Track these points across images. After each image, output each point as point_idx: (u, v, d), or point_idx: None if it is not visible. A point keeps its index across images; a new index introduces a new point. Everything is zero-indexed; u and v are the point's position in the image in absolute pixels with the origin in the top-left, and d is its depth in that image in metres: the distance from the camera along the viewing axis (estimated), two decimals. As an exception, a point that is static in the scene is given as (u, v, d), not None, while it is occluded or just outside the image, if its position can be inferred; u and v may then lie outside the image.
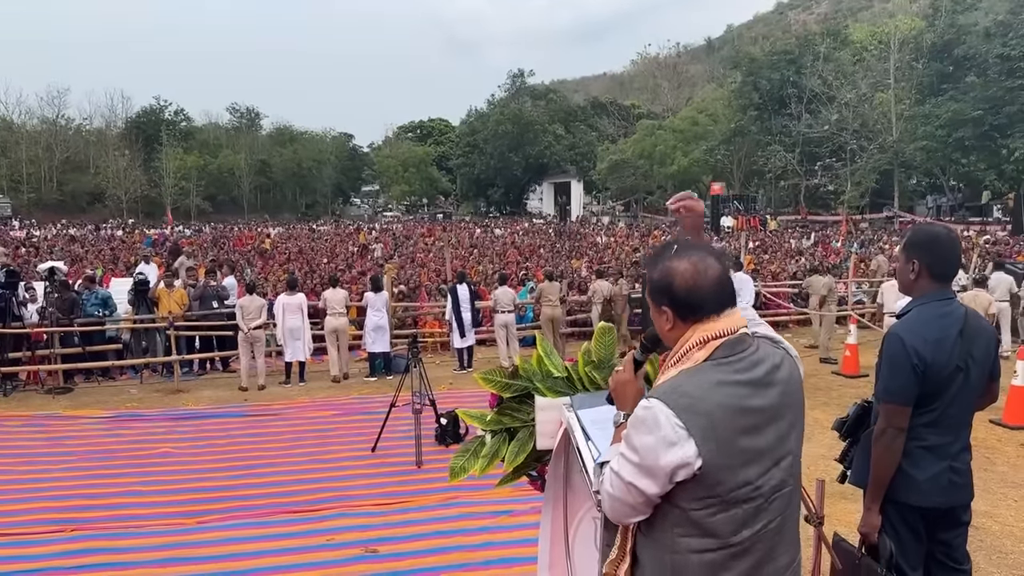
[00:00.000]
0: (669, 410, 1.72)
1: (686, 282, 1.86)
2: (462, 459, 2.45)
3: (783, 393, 1.84)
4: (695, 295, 1.85)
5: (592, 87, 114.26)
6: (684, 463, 1.70)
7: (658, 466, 1.72)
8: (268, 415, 9.89)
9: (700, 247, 1.95)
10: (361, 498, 6.67)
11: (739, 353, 1.83)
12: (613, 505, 1.84)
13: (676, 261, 1.88)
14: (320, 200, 72.84)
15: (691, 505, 1.75)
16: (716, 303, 1.86)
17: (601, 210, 61.27)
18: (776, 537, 1.82)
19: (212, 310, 12.56)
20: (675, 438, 1.70)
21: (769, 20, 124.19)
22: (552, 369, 2.44)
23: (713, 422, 1.72)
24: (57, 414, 9.80)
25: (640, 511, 1.81)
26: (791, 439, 1.86)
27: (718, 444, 1.72)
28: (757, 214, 42.26)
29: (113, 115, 71.60)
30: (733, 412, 1.75)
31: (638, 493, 1.76)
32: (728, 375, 1.79)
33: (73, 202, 62.47)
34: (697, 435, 1.70)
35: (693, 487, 1.73)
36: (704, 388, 1.76)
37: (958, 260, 2.97)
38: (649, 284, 1.93)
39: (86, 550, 5.61)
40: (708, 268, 1.87)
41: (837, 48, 47.87)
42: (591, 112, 69.80)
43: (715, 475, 1.72)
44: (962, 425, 2.86)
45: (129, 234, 37.38)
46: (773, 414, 1.81)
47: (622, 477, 1.78)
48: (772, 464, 1.80)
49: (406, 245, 30.19)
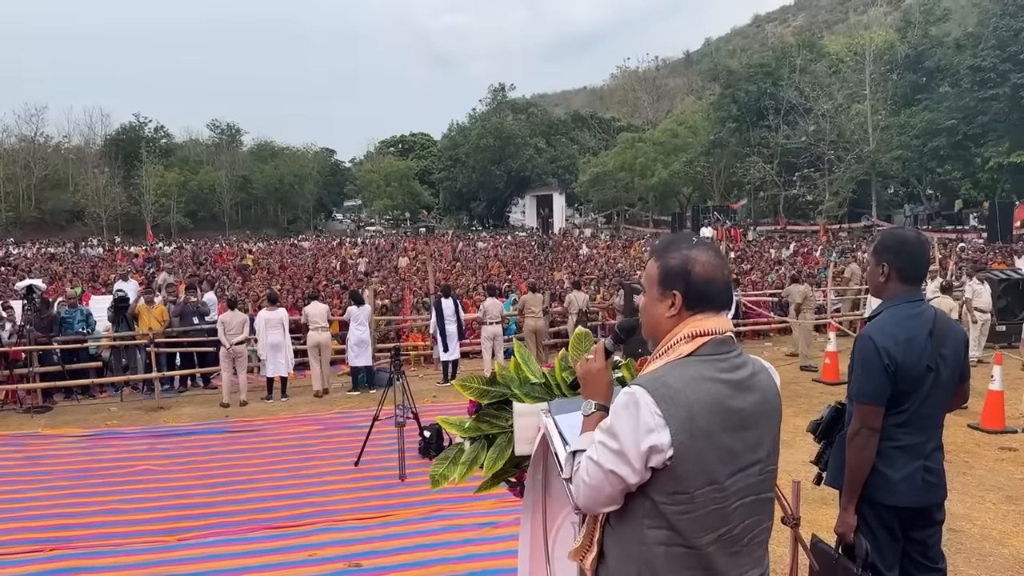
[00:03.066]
0: (650, 397, 1.74)
1: (706, 271, 1.88)
2: (441, 466, 2.46)
3: (761, 401, 1.87)
4: (711, 286, 1.88)
5: (573, 101, 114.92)
6: (658, 448, 1.72)
7: (637, 451, 1.73)
8: (250, 431, 9.83)
9: (710, 244, 2.00)
10: (344, 512, 6.64)
11: (724, 353, 1.86)
12: (589, 494, 1.83)
13: (698, 251, 1.91)
14: (302, 215, 72.62)
15: (661, 498, 1.76)
16: (721, 301, 1.90)
17: (583, 222, 61.49)
18: (736, 546, 1.82)
19: (193, 326, 12.49)
20: (653, 425, 1.72)
21: (747, 33, 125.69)
22: (530, 375, 2.46)
23: (691, 415, 1.74)
24: (36, 433, 9.69)
25: (615, 500, 1.81)
26: (762, 448, 1.87)
27: (692, 437, 1.73)
28: (736, 224, 42.56)
29: (92, 132, 71.25)
30: (711, 409, 1.77)
31: (617, 480, 1.77)
32: (711, 372, 1.81)
33: (52, 220, 61.95)
34: (673, 425, 1.72)
35: (664, 478, 1.75)
36: (686, 381, 1.78)
37: (927, 263, 3.03)
38: (662, 268, 1.93)
39: (65, 569, 5.55)
40: (721, 265, 1.92)
41: (813, 60, 48.38)
42: (572, 125, 70.11)
43: (684, 467, 1.74)
44: (934, 425, 2.90)
45: (109, 252, 37.12)
46: (748, 419, 1.83)
47: (601, 465, 1.78)
48: (739, 469, 1.81)
49: (389, 258, 30.14)
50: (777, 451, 1.94)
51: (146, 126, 72.05)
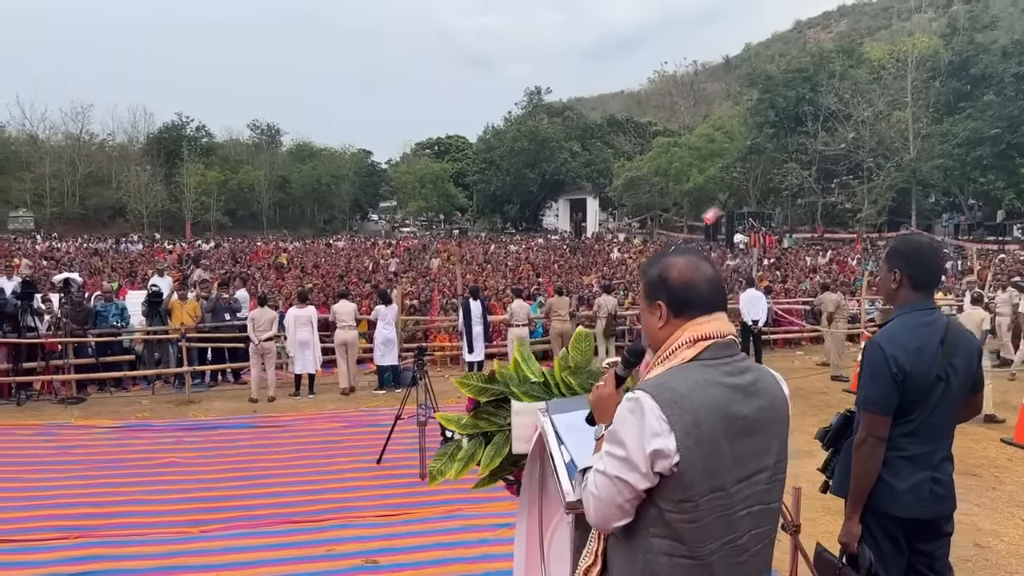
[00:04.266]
0: (654, 403, 1.73)
1: (682, 276, 1.89)
2: (439, 462, 2.48)
3: (767, 407, 1.85)
4: (690, 289, 1.88)
5: (610, 104, 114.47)
6: (663, 452, 1.71)
7: (642, 456, 1.72)
8: (276, 426, 9.95)
9: (693, 250, 2.01)
10: (364, 509, 6.69)
11: (727, 357, 1.84)
12: (599, 507, 1.81)
13: (673, 258, 1.94)
14: (338, 216, 73.09)
15: (667, 506, 1.75)
16: (708, 302, 1.89)
17: (617, 227, 61.21)
18: (742, 556, 1.81)
19: (224, 322, 12.67)
20: (658, 430, 1.71)
21: (787, 38, 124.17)
22: (529, 374, 2.47)
23: (697, 420, 1.73)
24: (68, 424, 9.91)
25: (626, 512, 1.79)
26: (769, 456, 1.85)
27: (698, 443, 1.72)
28: (772, 231, 42.05)
29: (135, 131, 72.27)
30: (717, 414, 1.75)
31: (625, 488, 1.75)
32: (716, 376, 1.80)
33: (95, 216, 63.06)
34: (679, 430, 1.71)
35: (671, 486, 1.74)
36: (690, 386, 1.77)
37: (939, 270, 2.99)
38: (645, 281, 1.96)
39: (88, 557, 5.65)
40: (703, 266, 1.92)
41: (853, 66, 47.71)
42: (607, 129, 69.89)
43: (691, 474, 1.72)
44: (943, 435, 2.85)
45: (149, 248, 37.75)
46: (754, 425, 1.81)
47: (608, 474, 1.77)
48: (746, 476, 1.79)
49: (420, 259, 30.31)
50: (785, 460, 1.91)
51: (188, 125, 72.98)
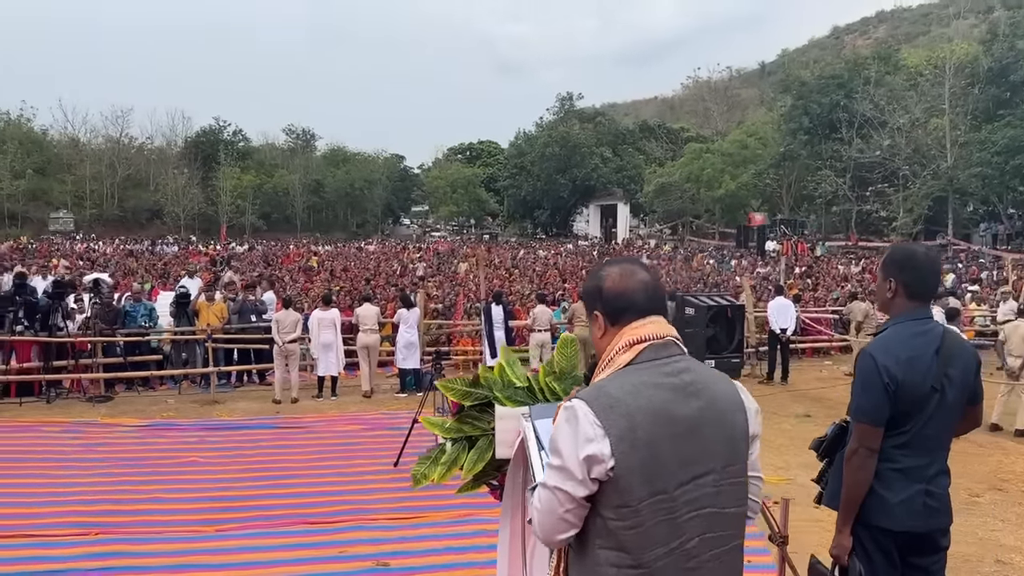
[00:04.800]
0: (588, 409, 1.74)
1: (614, 284, 1.92)
2: (423, 466, 2.50)
3: (708, 408, 1.82)
4: (623, 297, 1.90)
5: (643, 110, 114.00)
6: (598, 457, 1.70)
7: (577, 462, 1.72)
8: (298, 428, 10.06)
9: (632, 259, 2.03)
10: (378, 512, 6.74)
11: (664, 358, 1.84)
12: (542, 520, 1.81)
13: (607, 268, 1.98)
14: (371, 220, 73.63)
15: (608, 513, 1.74)
16: (642, 306, 1.90)
17: (648, 233, 60.94)
18: (692, 561, 1.78)
19: (250, 324, 12.84)
20: (592, 435, 1.71)
21: (824, 44, 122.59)
22: (514, 379, 2.48)
23: (633, 424, 1.72)
24: (95, 422, 10.09)
25: (570, 523, 1.78)
26: (716, 458, 1.82)
27: (634, 447, 1.71)
28: (805, 239, 41.56)
29: (174, 134, 73.33)
30: (654, 416, 1.74)
31: (566, 498, 1.74)
32: (652, 378, 1.80)
33: (133, 218, 64.20)
34: (614, 435, 1.71)
35: (609, 492, 1.73)
36: (626, 389, 1.77)
37: (936, 279, 2.94)
38: (584, 295, 2.00)
39: (107, 553, 5.75)
40: (635, 273, 1.94)
41: (890, 72, 47.01)
42: (639, 135, 69.60)
43: (627, 479, 1.71)
44: (939, 448, 2.80)
45: (184, 250, 38.33)
46: (695, 426, 1.79)
47: (548, 486, 1.78)
48: (690, 478, 1.77)
49: (449, 263, 30.44)
50: (739, 463, 1.88)
51: (225, 129, 73.90)
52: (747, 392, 1.95)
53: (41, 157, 61.76)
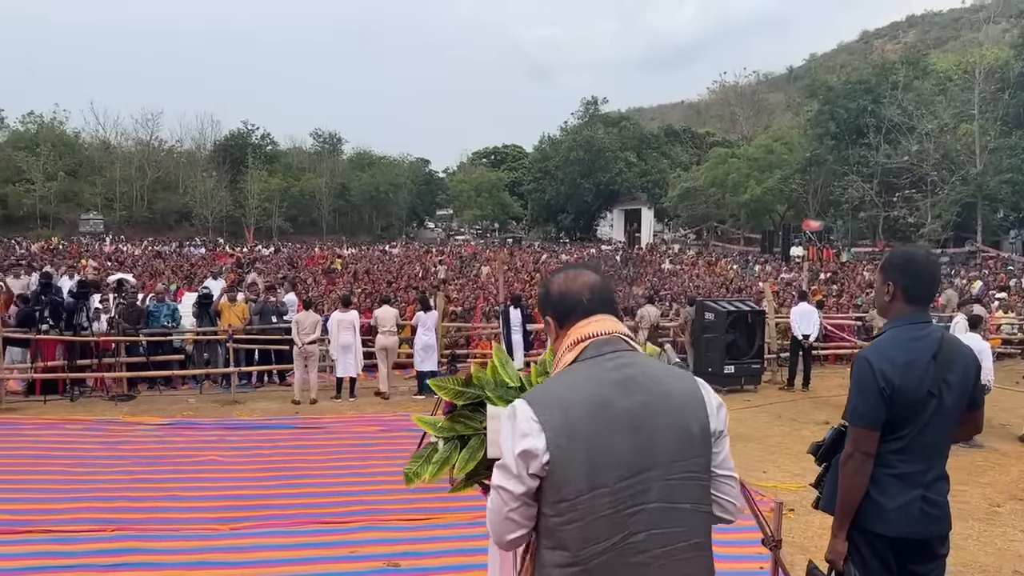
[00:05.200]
0: (527, 406, 1.76)
1: (558, 288, 1.97)
2: (415, 464, 2.51)
3: (655, 403, 1.81)
4: (567, 299, 1.94)
5: (669, 115, 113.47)
6: (532, 452, 1.71)
7: (512, 458, 1.74)
8: (316, 428, 10.14)
9: (580, 264, 2.12)
10: (391, 513, 6.76)
11: (607, 353, 1.85)
12: (491, 520, 1.83)
13: (557, 275, 2.03)
14: (395, 223, 73.89)
15: (549, 511, 1.74)
16: (586, 306, 1.93)
17: (672, 238, 60.66)
18: (641, 556, 1.75)
19: (271, 324, 12.95)
20: (528, 430, 1.73)
21: (853, 49, 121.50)
22: (506, 379, 2.49)
23: (568, 418, 1.73)
24: (116, 420, 10.22)
25: (517, 523, 1.79)
26: (663, 452, 1.78)
27: (571, 440, 1.71)
28: (831, 245, 41.13)
29: (203, 138, 74.02)
30: (591, 409, 1.75)
31: (508, 496, 1.75)
32: (593, 372, 1.82)
33: (162, 220, 64.92)
34: (549, 429, 1.72)
35: (547, 487, 1.73)
36: (566, 385, 1.80)
37: (935, 283, 2.90)
38: (538, 304, 2.07)
39: (122, 550, 5.81)
40: (579, 276, 1.98)
41: (918, 77, 46.43)
42: (664, 140, 69.32)
43: (563, 473, 1.71)
44: (937, 454, 2.76)
45: (211, 252, 38.72)
46: (638, 419, 1.78)
47: (494, 485, 1.79)
48: (635, 472, 1.75)
49: (471, 267, 30.52)
50: (694, 460, 1.83)
51: (253, 133, 74.54)
52: (708, 388, 1.92)
53: (73, 159, 62.69)
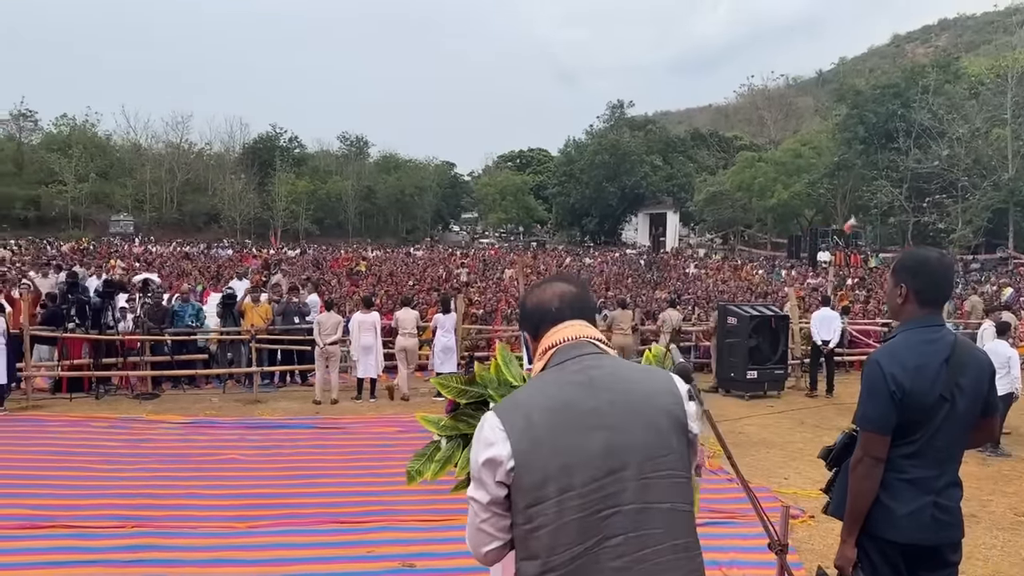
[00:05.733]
0: (495, 416, 1.75)
1: (530, 300, 1.99)
2: (418, 463, 2.51)
3: (624, 400, 1.77)
4: (538, 309, 1.95)
5: (696, 118, 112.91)
6: (496, 459, 1.70)
7: (478, 467, 1.73)
8: (336, 428, 10.18)
9: (559, 277, 2.08)
10: (408, 513, 6.77)
11: (574, 357, 1.83)
12: (468, 533, 1.83)
13: (531, 290, 2.03)
14: (421, 226, 74.16)
15: (519, 519, 1.72)
16: (555, 314, 1.92)
17: (698, 242, 60.32)
18: (620, 560, 1.70)
19: (294, 325, 13.04)
20: (493, 439, 1.72)
21: (884, 53, 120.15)
22: (510, 378, 2.48)
23: (530, 421, 1.71)
24: (140, 418, 10.33)
25: (491, 536, 1.78)
26: (633, 451, 1.73)
27: (534, 444, 1.69)
28: (859, 250, 40.63)
29: (232, 140, 74.82)
30: (555, 411, 1.73)
31: (479, 507, 1.75)
32: (559, 377, 1.81)
33: (191, 222, 65.65)
34: (513, 435, 1.70)
35: (515, 495, 1.71)
36: (532, 391, 1.80)
37: (948, 286, 2.85)
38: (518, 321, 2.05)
39: (141, 546, 5.88)
40: (551, 287, 1.98)
41: (950, 81, 45.81)
42: (691, 143, 69.01)
43: (529, 478, 1.69)
44: (949, 459, 2.71)
45: (238, 254, 39.07)
46: (606, 419, 1.74)
47: (469, 497, 1.78)
48: (605, 473, 1.70)
49: (494, 270, 30.54)
50: (669, 456, 1.77)
51: (281, 136, 75.18)
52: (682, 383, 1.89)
53: (104, 161, 63.66)
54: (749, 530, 5.90)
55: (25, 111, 64.96)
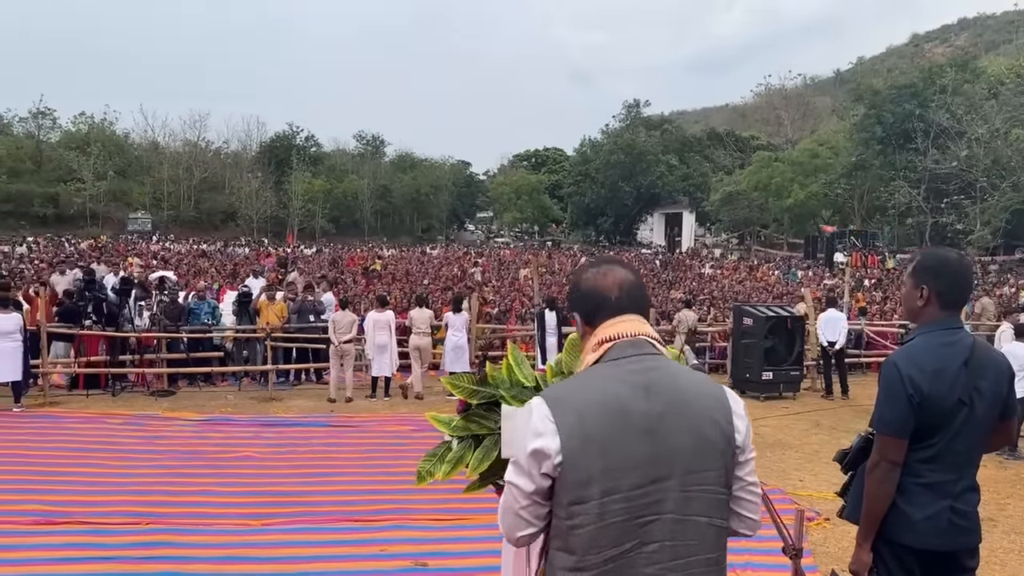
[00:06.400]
0: (544, 405, 1.72)
1: (588, 284, 1.90)
2: (428, 463, 2.50)
3: (674, 410, 1.74)
4: (596, 296, 1.87)
5: (713, 118, 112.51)
6: (544, 452, 1.68)
7: (524, 456, 1.70)
8: (350, 427, 10.21)
9: (613, 258, 1.99)
10: (420, 512, 6.76)
11: (630, 356, 1.79)
12: (502, 516, 1.80)
13: (586, 271, 1.95)
14: (436, 225, 74.33)
15: (560, 512, 1.71)
16: (616, 304, 1.85)
17: (713, 242, 60.08)
18: (649, 567, 1.70)
19: (308, 323, 13.09)
20: (542, 430, 1.69)
21: (903, 52, 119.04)
22: (521, 378, 2.47)
23: (582, 418, 1.69)
24: (156, 415, 10.40)
25: (526, 521, 1.76)
26: (677, 461, 1.72)
27: (584, 442, 1.67)
28: (876, 251, 40.33)
29: (249, 139, 75.08)
30: (608, 413, 1.70)
31: (519, 493, 1.73)
32: (615, 374, 1.76)
33: (208, 220, 66.01)
34: (564, 430, 1.68)
35: (560, 488, 1.70)
36: (584, 386, 1.75)
37: (969, 287, 2.81)
38: (568, 298, 1.97)
39: (154, 543, 5.89)
40: (611, 273, 1.89)
41: (969, 81, 45.35)
42: (707, 143, 68.70)
43: (576, 475, 1.67)
44: (968, 463, 2.67)
45: (255, 252, 39.24)
46: (655, 425, 1.71)
47: (507, 481, 1.76)
48: (650, 480, 1.69)
49: (509, 269, 30.55)
50: (711, 472, 1.76)
51: (298, 135, 75.46)
52: (738, 399, 1.85)
53: (122, 159, 64.16)
54: (763, 532, 5.88)
55: (44, 109, 65.53)
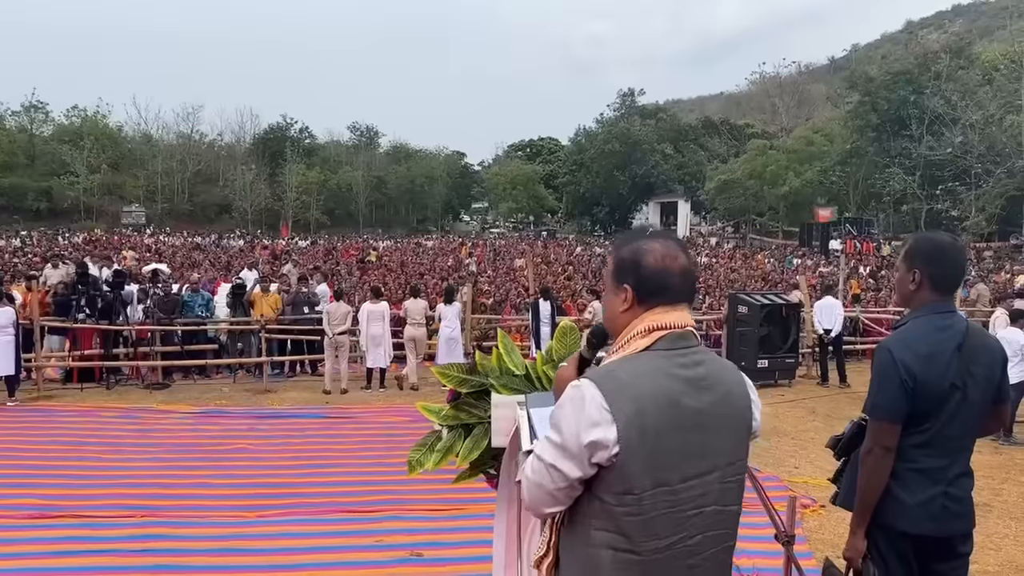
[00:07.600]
0: (598, 391, 1.68)
1: (656, 262, 1.81)
2: (418, 452, 2.48)
3: (719, 403, 1.77)
4: (660, 277, 1.81)
5: (708, 106, 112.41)
6: (602, 443, 1.65)
7: (578, 445, 1.67)
8: (345, 418, 10.18)
9: (671, 236, 1.92)
10: (416, 503, 6.75)
11: (681, 348, 1.77)
12: (531, 491, 1.77)
13: (650, 242, 1.85)
14: (431, 216, 74.24)
15: (609, 498, 1.70)
16: (676, 292, 1.82)
17: (709, 231, 60.09)
18: (692, 558, 1.74)
19: (303, 315, 13.05)
20: (599, 419, 1.66)
21: (898, 39, 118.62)
22: (512, 367, 2.44)
23: (640, 410, 1.67)
24: (151, 408, 10.37)
25: (559, 500, 1.75)
26: (722, 455, 1.77)
27: (641, 434, 1.66)
28: (871, 238, 40.38)
29: (242, 131, 75.07)
30: (663, 406, 1.69)
31: (559, 476, 1.70)
32: (666, 367, 1.74)
33: (202, 213, 65.92)
34: (621, 421, 1.66)
35: (612, 478, 1.68)
36: (638, 375, 1.71)
37: (962, 271, 2.79)
38: (615, 262, 1.87)
39: (150, 536, 5.87)
40: (678, 255, 1.83)
41: (963, 67, 45.34)
42: (702, 131, 68.67)
43: (632, 467, 1.66)
44: (960, 448, 2.66)
45: (249, 244, 39.15)
46: (705, 419, 1.74)
47: (543, 459, 1.73)
48: (697, 474, 1.72)
49: (504, 259, 30.52)
50: (741, 461, 1.83)
51: (292, 127, 75.27)
52: (752, 386, 1.88)
53: (116, 152, 64.00)
54: (757, 519, 5.88)
55: (36, 102, 65.37)
